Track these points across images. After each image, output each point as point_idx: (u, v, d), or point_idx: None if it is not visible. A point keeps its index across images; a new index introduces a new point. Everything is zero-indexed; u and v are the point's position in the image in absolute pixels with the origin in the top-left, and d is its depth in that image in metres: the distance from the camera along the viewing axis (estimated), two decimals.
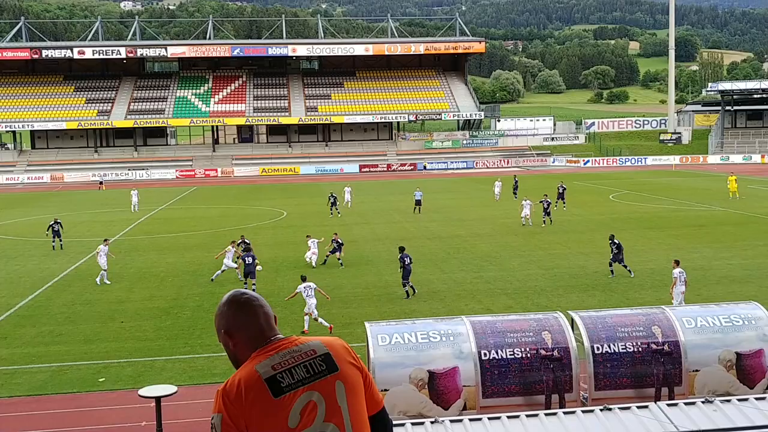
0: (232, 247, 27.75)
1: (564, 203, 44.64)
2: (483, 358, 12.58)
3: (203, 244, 35.68)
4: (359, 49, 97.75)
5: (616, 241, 26.23)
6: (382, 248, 32.92)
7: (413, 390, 12.29)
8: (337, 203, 45.21)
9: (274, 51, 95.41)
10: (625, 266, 25.96)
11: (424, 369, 12.36)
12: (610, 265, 26.09)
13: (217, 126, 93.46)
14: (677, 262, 21.07)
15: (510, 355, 12.65)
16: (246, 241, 28.61)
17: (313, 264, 28.69)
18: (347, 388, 3.34)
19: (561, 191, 45.02)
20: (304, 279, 20.97)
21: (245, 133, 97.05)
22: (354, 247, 33.38)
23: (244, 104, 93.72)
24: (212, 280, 26.75)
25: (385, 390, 12.26)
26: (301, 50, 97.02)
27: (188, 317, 22.18)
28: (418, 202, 45.28)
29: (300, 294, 20.36)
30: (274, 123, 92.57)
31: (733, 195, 48.29)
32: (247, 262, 25.12)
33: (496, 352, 12.66)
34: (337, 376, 3.33)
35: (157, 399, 12.42)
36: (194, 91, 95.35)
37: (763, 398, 8.47)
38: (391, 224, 40.93)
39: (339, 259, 29.38)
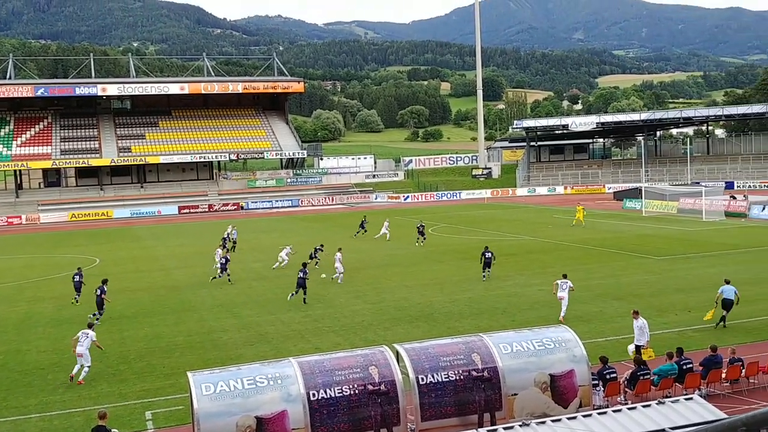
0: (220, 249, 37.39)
1: (424, 239, 45.41)
2: (312, 398, 12.45)
3: (7, 297, 32.86)
4: (174, 87, 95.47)
5: (488, 253, 32.17)
6: (206, 293, 31.90)
7: None
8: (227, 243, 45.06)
9: (82, 90, 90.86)
10: (485, 273, 31.82)
11: (251, 416, 12.03)
12: (484, 270, 32.01)
13: (20, 170, 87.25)
14: (564, 276, 24.73)
15: (339, 393, 12.61)
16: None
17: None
18: None
19: (421, 229, 46.17)
20: (90, 326, 20.37)
21: (52, 177, 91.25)
22: (175, 294, 32.14)
23: (50, 146, 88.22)
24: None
25: None
26: (112, 89, 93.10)
27: None
28: (233, 241, 46.84)
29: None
30: (84, 165, 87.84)
31: (578, 222, 51.86)
32: (75, 279, 29.60)
33: (325, 392, 12.57)
34: None
35: None
36: None
37: (574, 417, 8.96)
38: (211, 266, 39.79)
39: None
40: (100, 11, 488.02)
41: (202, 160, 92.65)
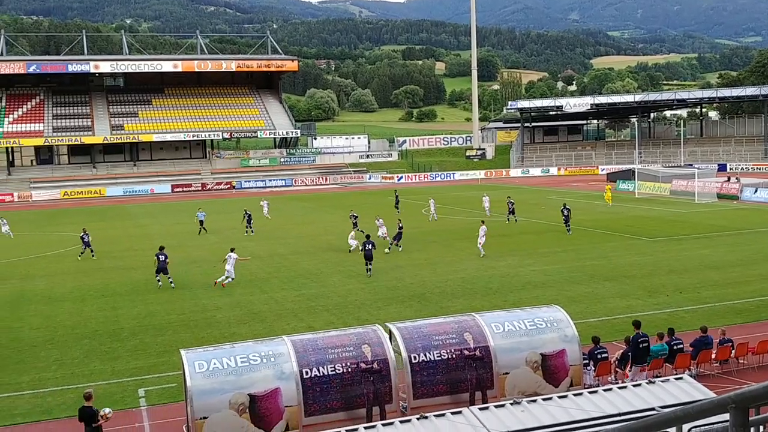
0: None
1: (514, 216, 44.77)
2: (305, 376, 12.52)
3: None
4: (167, 65, 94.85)
5: (567, 207, 39.56)
6: (198, 271, 31.93)
7: (234, 415, 11.97)
8: (252, 221, 44.54)
9: (74, 68, 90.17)
10: (568, 228, 38.86)
11: (244, 393, 12.09)
12: (566, 224, 39.13)
13: (12, 147, 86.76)
14: (482, 222, 34.45)
15: (331, 371, 12.68)
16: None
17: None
18: None
19: (510, 206, 44.97)
20: (232, 250, 28.95)
21: (44, 155, 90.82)
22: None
23: (43, 124, 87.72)
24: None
25: (204, 418, 11.85)
26: (105, 67, 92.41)
27: None
28: (201, 223, 45.51)
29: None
30: (77, 143, 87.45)
31: (606, 202, 52.80)
32: (160, 259, 28.36)
33: (318, 370, 12.64)
34: None
35: None
36: None
37: (565, 396, 9.04)
38: (206, 246, 39.83)
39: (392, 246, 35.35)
40: None
41: (195, 138, 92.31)
